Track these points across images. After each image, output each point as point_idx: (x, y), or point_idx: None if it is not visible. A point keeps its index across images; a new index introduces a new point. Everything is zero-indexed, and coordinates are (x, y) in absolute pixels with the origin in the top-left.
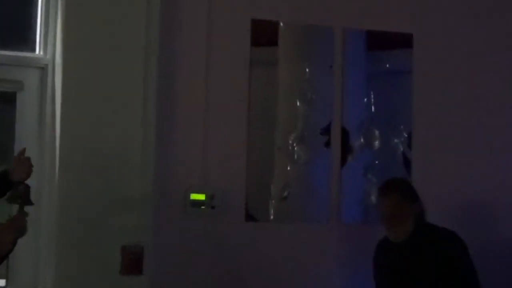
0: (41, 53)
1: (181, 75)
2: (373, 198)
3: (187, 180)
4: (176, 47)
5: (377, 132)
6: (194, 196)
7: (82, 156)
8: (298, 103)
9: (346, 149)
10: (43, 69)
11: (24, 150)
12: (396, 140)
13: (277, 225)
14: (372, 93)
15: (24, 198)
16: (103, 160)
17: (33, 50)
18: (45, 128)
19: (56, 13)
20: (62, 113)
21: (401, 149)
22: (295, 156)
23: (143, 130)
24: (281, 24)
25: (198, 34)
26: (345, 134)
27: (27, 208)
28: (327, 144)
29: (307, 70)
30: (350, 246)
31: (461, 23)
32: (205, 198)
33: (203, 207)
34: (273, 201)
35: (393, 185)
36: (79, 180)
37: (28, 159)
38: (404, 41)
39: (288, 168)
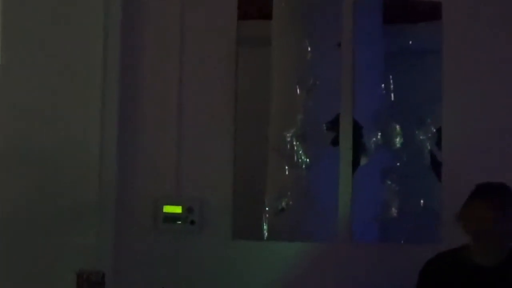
0: None
1: (150, 58)
2: (394, 210)
3: (158, 189)
4: (143, 23)
5: (397, 127)
6: (168, 209)
7: (25, 160)
8: (297, 91)
9: (358, 148)
10: None
11: None
12: (422, 137)
13: (273, 244)
14: (391, 77)
15: None
16: (52, 165)
17: None
18: None
19: None
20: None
21: (429, 148)
22: (295, 158)
23: (102, 126)
24: None
25: (170, 6)
26: (357, 130)
27: None
28: (335, 142)
29: (308, 49)
30: (364, 271)
31: None
32: (182, 211)
33: (179, 222)
34: (267, 215)
35: (500, 190)
36: (22, 189)
37: None
38: (431, 12)
39: (286, 173)
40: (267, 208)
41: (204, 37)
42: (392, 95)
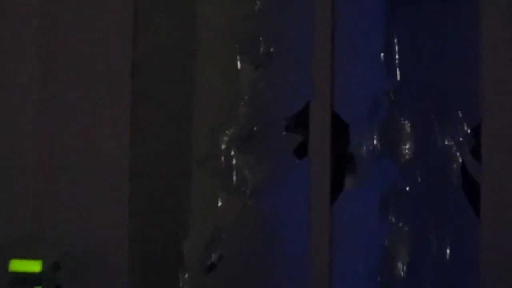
0: None
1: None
2: (401, 264)
3: (4, 234)
4: None
5: (407, 125)
6: (19, 266)
7: None
8: (239, 65)
9: (343, 161)
10: None
11: None
12: (447, 142)
13: None
14: (396, 41)
15: None
16: None
17: None
18: None
19: None
20: None
21: (460, 159)
22: (234, 178)
23: None
24: None
25: None
26: (340, 130)
27: None
28: (301, 151)
29: None
30: None
31: None
32: (42, 269)
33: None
34: (186, 275)
35: None
36: None
37: None
38: None
39: (220, 203)
40: (188, 263)
41: None
42: (398, 71)
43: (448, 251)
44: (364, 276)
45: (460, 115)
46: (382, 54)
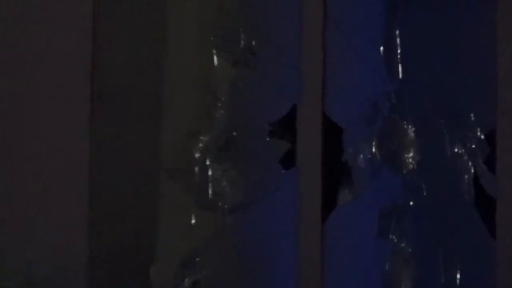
0: None
1: None
2: None
3: None
4: None
5: (411, 131)
6: None
7: None
8: (215, 61)
9: (336, 172)
10: None
11: None
12: (458, 150)
13: None
14: (397, 33)
15: None
16: None
17: None
18: None
19: None
20: None
21: (472, 170)
22: (210, 192)
23: None
24: None
25: None
26: (333, 137)
27: None
28: (288, 161)
29: None
30: None
31: None
32: None
33: None
34: None
35: None
36: None
37: None
38: None
39: (193, 221)
40: None
41: None
42: (400, 68)
43: (458, 276)
44: None
45: (473, 118)
46: (381, 49)
